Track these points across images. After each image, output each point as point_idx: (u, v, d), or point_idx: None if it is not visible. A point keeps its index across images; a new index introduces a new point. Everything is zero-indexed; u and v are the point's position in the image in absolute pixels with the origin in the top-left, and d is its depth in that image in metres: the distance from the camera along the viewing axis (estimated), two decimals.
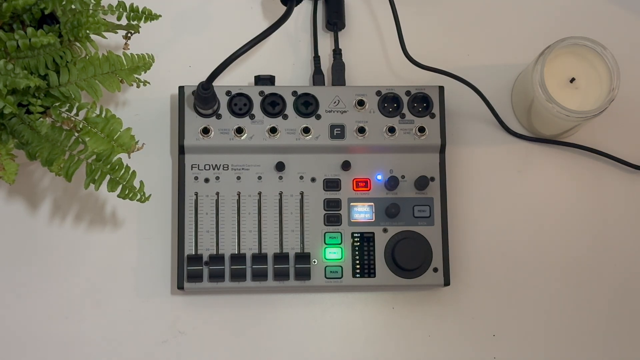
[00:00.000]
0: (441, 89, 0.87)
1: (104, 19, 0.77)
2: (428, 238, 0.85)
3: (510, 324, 0.87)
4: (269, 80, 0.87)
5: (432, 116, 0.86)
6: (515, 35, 0.92)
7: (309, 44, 0.92)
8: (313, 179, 0.85)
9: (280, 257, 0.84)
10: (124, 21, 0.80)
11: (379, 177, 0.86)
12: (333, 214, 0.85)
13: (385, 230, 0.85)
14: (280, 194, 0.85)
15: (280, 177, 0.85)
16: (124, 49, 0.81)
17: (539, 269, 0.88)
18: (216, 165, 0.85)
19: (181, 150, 0.85)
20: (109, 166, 0.76)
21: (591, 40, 0.83)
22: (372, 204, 0.85)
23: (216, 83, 0.80)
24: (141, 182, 0.77)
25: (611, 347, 0.88)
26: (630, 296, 0.88)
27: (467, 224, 0.88)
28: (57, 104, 0.76)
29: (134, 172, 0.76)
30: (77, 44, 0.77)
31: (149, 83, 0.82)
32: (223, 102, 0.85)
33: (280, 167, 0.85)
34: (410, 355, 0.87)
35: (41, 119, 0.75)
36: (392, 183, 0.85)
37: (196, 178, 0.85)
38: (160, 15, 0.80)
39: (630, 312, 0.88)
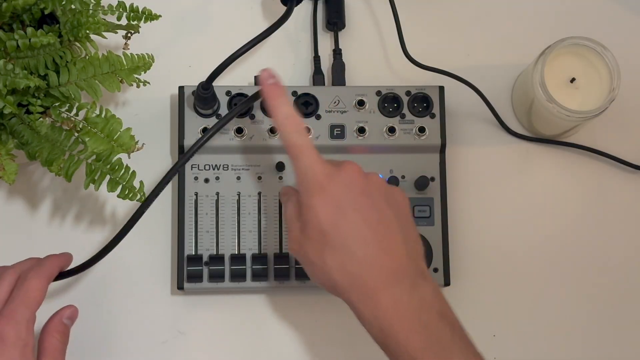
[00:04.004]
0: (441, 89, 0.87)
1: (104, 19, 0.77)
2: (428, 238, 0.85)
3: (510, 324, 0.87)
4: None
5: (432, 116, 0.86)
6: (515, 35, 0.92)
7: (309, 44, 0.92)
8: None
9: (280, 257, 0.84)
10: (124, 21, 0.80)
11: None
12: None
13: None
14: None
15: (280, 177, 0.85)
16: (124, 49, 0.81)
17: (539, 269, 0.88)
18: (216, 165, 0.85)
19: (181, 150, 0.85)
20: (108, 166, 0.76)
21: (591, 40, 0.83)
22: None
23: (216, 83, 0.80)
24: (141, 182, 0.77)
25: (611, 347, 0.88)
26: (631, 296, 0.88)
27: (467, 224, 0.88)
28: (57, 104, 0.76)
29: (133, 172, 0.76)
30: (77, 44, 0.77)
31: (149, 83, 0.82)
32: (223, 102, 0.85)
33: (280, 167, 0.85)
34: None
35: (41, 119, 0.75)
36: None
37: (196, 178, 0.85)
38: (160, 15, 0.80)
39: (631, 312, 0.88)
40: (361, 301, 0.69)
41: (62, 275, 0.78)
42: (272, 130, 0.85)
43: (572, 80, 0.84)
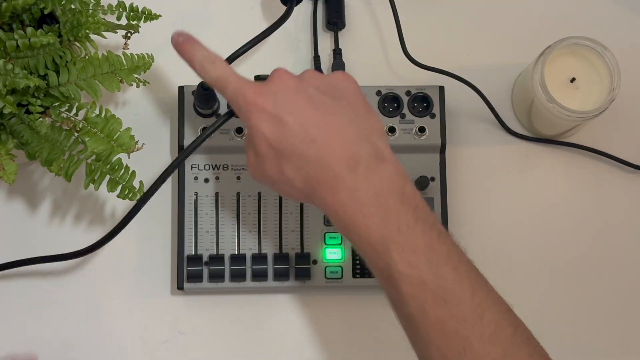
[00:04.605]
0: (441, 89, 0.87)
1: (104, 19, 0.77)
2: None
3: None
4: None
5: (432, 116, 0.86)
6: (515, 35, 0.92)
7: (309, 44, 0.92)
8: None
9: (280, 257, 0.84)
10: (123, 21, 0.80)
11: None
12: None
13: None
14: None
15: None
16: (124, 49, 0.81)
17: (538, 269, 0.88)
18: (216, 165, 0.85)
19: (181, 150, 0.85)
20: (108, 166, 0.76)
21: (591, 40, 0.83)
22: None
23: None
24: (141, 182, 0.77)
25: (611, 347, 0.88)
26: (631, 296, 0.88)
27: (467, 224, 0.88)
28: (56, 104, 0.76)
29: (133, 172, 0.76)
30: (77, 43, 0.77)
31: (148, 83, 0.82)
32: (223, 102, 0.85)
33: None
34: (410, 355, 0.86)
35: (41, 119, 0.75)
36: None
37: (196, 178, 0.85)
38: (160, 15, 0.80)
39: (631, 312, 0.88)
40: (323, 200, 0.67)
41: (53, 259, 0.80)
42: None
43: (572, 80, 0.84)
